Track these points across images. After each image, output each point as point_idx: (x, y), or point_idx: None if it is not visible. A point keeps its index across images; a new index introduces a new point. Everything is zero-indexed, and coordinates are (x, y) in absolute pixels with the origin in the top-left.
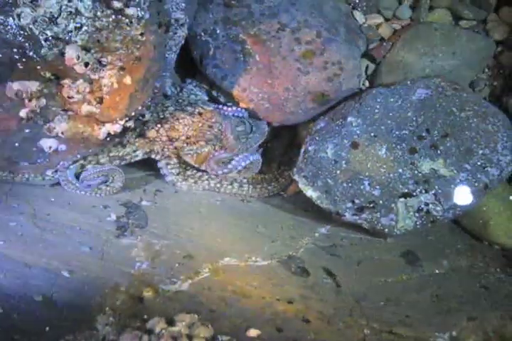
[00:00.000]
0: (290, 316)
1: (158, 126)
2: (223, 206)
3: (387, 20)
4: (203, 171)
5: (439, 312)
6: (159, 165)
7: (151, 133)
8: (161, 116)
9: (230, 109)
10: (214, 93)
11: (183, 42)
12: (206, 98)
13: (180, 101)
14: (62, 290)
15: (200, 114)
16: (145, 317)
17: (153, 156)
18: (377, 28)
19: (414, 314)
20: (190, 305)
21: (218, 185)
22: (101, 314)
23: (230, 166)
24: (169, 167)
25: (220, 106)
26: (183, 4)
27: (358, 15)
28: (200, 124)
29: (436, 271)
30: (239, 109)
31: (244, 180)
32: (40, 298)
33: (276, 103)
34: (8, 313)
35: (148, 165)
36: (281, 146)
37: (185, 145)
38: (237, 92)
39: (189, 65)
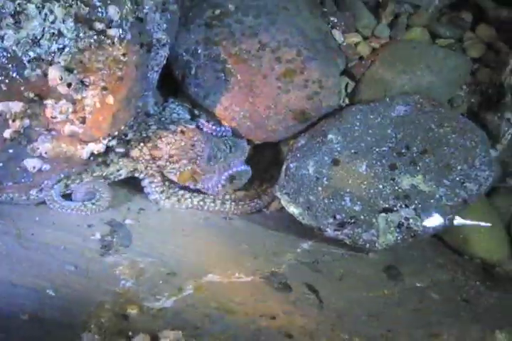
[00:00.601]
0: (273, 332)
1: (141, 145)
2: (206, 224)
3: (365, 38)
4: (186, 189)
5: (420, 326)
6: (143, 183)
7: (135, 153)
8: (144, 135)
9: (214, 127)
10: (196, 112)
11: (164, 62)
12: (188, 117)
13: (162, 119)
14: (48, 309)
15: (182, 132)
16: (130, 334)
17: (136, 175)
18: (356, 46)
19: (396, 328)
20: (175, 321)
21: (201, 203)
22: (86, 332)
23: (218, 178)
24: (153, 185)
25: (204, 124)
26: (165, 25)
27: (337, 35)
28: (182, 143)
29: (418, 285)
30: (223, 128)
31: (227, 197)
32: (26, 317)
33: (257, 121)
34: None
35: (131, 182)
36: (263, 163)
37: (168, 163)
38: (219, 111)
39: (171, 84)
